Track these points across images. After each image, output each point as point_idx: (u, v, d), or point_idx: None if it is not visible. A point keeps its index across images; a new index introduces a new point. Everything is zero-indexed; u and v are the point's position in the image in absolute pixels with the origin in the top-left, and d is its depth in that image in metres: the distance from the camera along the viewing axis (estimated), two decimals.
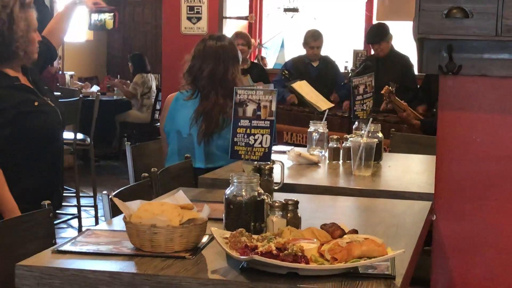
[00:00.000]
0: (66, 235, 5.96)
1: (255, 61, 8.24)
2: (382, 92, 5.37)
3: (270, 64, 9.06)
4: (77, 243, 2.15)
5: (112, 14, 4.10)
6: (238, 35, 7.09)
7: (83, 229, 5.92)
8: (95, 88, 9.69)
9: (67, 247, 2.10)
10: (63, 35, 3.85)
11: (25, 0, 3.20)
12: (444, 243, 2.94)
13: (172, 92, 4.19)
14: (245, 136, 2.48)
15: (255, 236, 2.04)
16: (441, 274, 2.96)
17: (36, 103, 3.18)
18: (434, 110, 5.46)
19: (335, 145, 3.74)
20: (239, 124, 2.48)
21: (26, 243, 2.33)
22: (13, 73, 3.21)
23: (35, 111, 3.16)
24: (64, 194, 7.00)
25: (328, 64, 7.33)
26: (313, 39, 7.20)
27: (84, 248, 2.10)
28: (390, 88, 5.41)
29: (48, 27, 3.80)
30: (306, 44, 7.24)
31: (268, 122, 2.48)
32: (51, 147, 3.24)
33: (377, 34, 6.79)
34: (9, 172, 3.00)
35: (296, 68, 7.12)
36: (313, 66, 7.24)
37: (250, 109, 2.48)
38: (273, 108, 2.47)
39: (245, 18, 8.46)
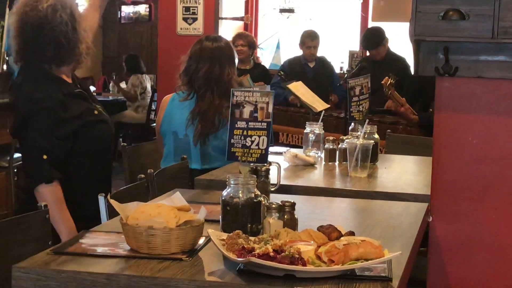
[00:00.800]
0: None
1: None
2: (383, 82, 5.37)
3: (266, 65, 9.06)
4: (73, 245, 2.15)
5: (148, 5, 3.94)
6: (239, 36, 7.10)
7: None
8: (90, 89, 9.67)
9: (63, 249, 2.10)
10: (94, 29, 3.58)
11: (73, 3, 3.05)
12: (440, 244, 2.94)
13: (168, 92, 4.19)
14: (242, 138, 2.48)
15: (252, 238, 2.04)
16: (437, 275, 2.97)
17: (95, 112, 3.06)
18: (431, 110, 5.47)
19: (331, 146, 3.74)
20: (236, 125, 2.48)
21: (23, 244, 2.33)
22: (68, 79, 3.07)
23: (96, 121, 3.05)
24: None
25: (324, 64, 7.34)
26: (310, 38, 7.21)
27: (80, 250, 2.10)
28: (390, 80, 5.41)
29: None
30: (303, 44, 7.24)
31: (265, 124, 2.47)
32: (106, 159, 3.13)
33: (372, 40, 6.74)
34: (66, 188, 2.90)
35: (293, 69, 7.12)
36: (310, 66, 7.25)
37: (247, 110, 2.48)
38: (270, 109, 2.47)
39: (241, 18, 8.46)
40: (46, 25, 2.97)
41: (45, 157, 2.89)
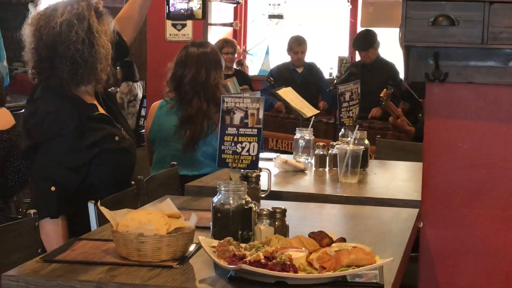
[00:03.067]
0: None
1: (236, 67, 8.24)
2: (381, 95, 5.36)
3: (255, 71, 9.06)
4: (63, 252, 2.13)
5: (201, 1, 3.37)
6: (226, 42, 7.09)
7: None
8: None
9: (53, 257, 2.09)
10: (139, 25, 3.26)
11: (99, 8, 2.78)
12: (431, 250, 2.95)
13: (157, 99, 4.19)
14: (233, 144, 2.47)
15: (243, 245, 2.03)
16: (428, 281, 2.97)
17: (116, 138, 2.78)
18: (420, 115, 5.47)
19: (321, 152, 3.74)
20: (227, 132, 2.48)
21: (12, 252, 2.31)
22: (89, 99, 2.80)
23: (116, 149, 2.77)
24: None
25: (312, 70, 7.35)
26: (297, 43, 7.23)
27: (70, 258, 2.09)
28: (389, 91, 5.41)
29: (119, 16, 3.19)
30: (290, 49, 7.26)
31: (256, 130, 2.47)
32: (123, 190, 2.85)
33: (365, 42, 6.79)
34: (72, 222, 2.68)
35: (281, 75, 7.13)
36: (298, 72, 7.26)
37: (237, 117, 2.48)
38: (261, 116, 2.46)
39: (230, 24, 8.47)
40: (60, 44, 2.73)
41: (53, 189, 2.66)
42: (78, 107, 2.76)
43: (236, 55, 7.19)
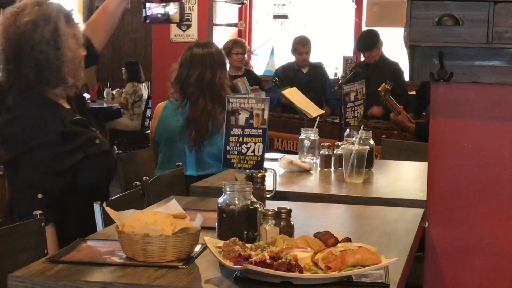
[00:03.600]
0: None
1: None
2: (379, 89, 5.36)
3: (260, 71, 9.06)
4: (69, 253, 2.14)
5: (178, 6, 3.32)
6: (236, 43, 7.08)
7: None
8: (85, 96, 9.67)
9: (59, 257, 2.09)
10: (110, 31, 3.17)
11: (71, 13, 2.71)
12: (436, 249, 2.94)
13: (162, 99, 4.19)
14: (238, 145, 2.47)
15: (248, 245, 2.03)
16: (433, 281, 2.96)
17: (97, 141, 2.72)
18: (424, 113, 5.46)
19: (326, 152, 3.74)
20: (232, 132, 2.48)
21: (18, 253, 2.32)
22: (64, 104, 2.74)
23: (98, 153, 2.71)
24: None
25: (317, 70, 7.35)
26: (301, 44, 7.22)
27: (76, 258, 2.09)
28: (387, 86, 5.41)
29: (91, 21, 3.11)
30: (295, 50, 7.25)
31: (261, 131, 2.47)
32: (105, 197, 2.75)
33: (368, 42, 6.78)
34: (59, 228, 2.62)
35: (286, 75, 7.13)
36: (303, 72, 7.25)
37: (242, 117, 2.48)
38: (266, 116, 2.46)
39: (235, 25, 8.47)
40: (25, 44, 2.65)
41: (40, 196, 2.60)
42: (59, 112, 2.70)
43: (246, 56, 7.18)
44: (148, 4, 3.14)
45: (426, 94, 5.64)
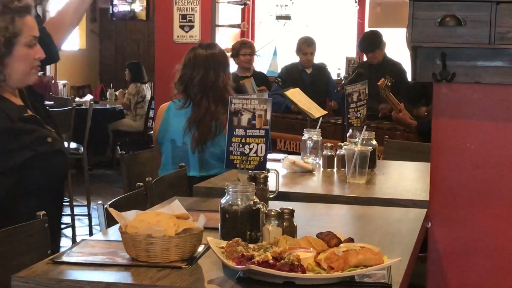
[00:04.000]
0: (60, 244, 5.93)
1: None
2: (379, 84, 5.35)
3: (263, 72, 9.06)
4: (72, 254, 2.15)
5: (144, 3, 3.16)
6: (243, 44, 7.07)
7: (77, 238, 5.92)
8: (88, 97, 9.69)
9: (63, 258, 2.10)
10: (71, 29, 3.07)
11: (8, 2, 2.53)
12: (439, 250, 2.94)
13: (165, 100, 4.19)
14: (240, 145, 2.48)
15: (251, 246, 2.04)
16: (436, 281, 2.97)
17: (49, 139, 2.58)
18: (426, 113, 5.45)
19: (329, 153, 3.74)
20: (234, 133, 2.48)
21: (22, 254, 2.32)
22: (16, 100, 2.62)
23: (49, 152, 2.56)
24: None
25: (321, 71, 7.35)
26: (306, 45, 7.22)
27: (80, 259, 2.10)
28: (387, 82, 5.40)
29: (53, 18, 3.10)
30: (299, 50, 7.25)
31: (263, 131, 2.48)
32: (57, 200, 2.66)
33: (370, 43, 6.77)
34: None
35: (290, 75, 7.13)
36: (307, 73, 7.25)
37: (245, 118, 2.48)
38: (268, 117, 2.47)
39: (238, 26, 8.47)
40: None
41: None
42: (7, 108, 2.57)
43: (252, 56, 7.18)
44: (115, 2, 3.09)
45: (422, 85, 5.63)
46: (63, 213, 2.83)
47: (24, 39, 2.55)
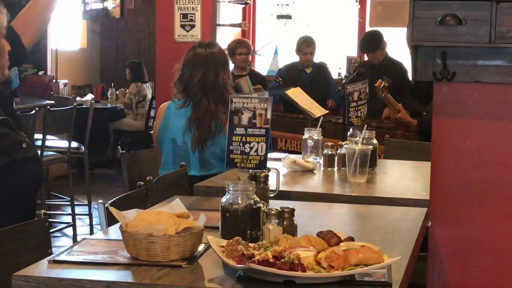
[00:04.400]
0: (60, 243, 5.95)
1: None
2: (376, 85, 5.35)
3: (264, 71, 9.06)
4: (73, 253, 2.15)
5: (117, 1, 3.05)
6: (240, 43, 7.08)
7: (78, 237, 5.93)
8: (89, 97, 9.69)
9: (63, 257, 2.10)
10: (40, 30, 2.93)
11: None
12: (439, 249, 2.95)
13: (166, 100, 4.19)
14: (241, 144, 2.48)
15: (251, 244, 2.04)
16: (436, 280, 2.97)
17: (24, 145, 2.44)
18: (424, 113, 5.46)
19: (330, 152, 3.74)
20: (235, 132, 2.48)
21: (22, 253, 2.32)
22: None
23: (24, 159, 2.42)
24: (58, 203, 7.01)
25: (321, 70, 7.35)
26: (306, 44, 7.22)
27: (80, 258, 2.10)
28: (384, 83, 5.39)
29: (19, 16, 2.88)
30: (299, 50, 7.25)
31: (264, 130, 2.48)
32: (30, 208, 2.48)
33: (371, 43, 6.77)
34: None
35: (290, 75, 7.13)
36: (306, 72, 7.26)
37: (245, 117, 2.48)
38: (269, 116, 2.47)
39: (239, 25, 8.47)
40: None
41: None
42: None
43: (250, 56, 7.18)
44: (86, 0, 2.98)
45: (420, 92, 5.62)
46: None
47: (3, 31, 2.46)
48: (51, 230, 5.88)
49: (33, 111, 5.75)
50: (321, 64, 7.46)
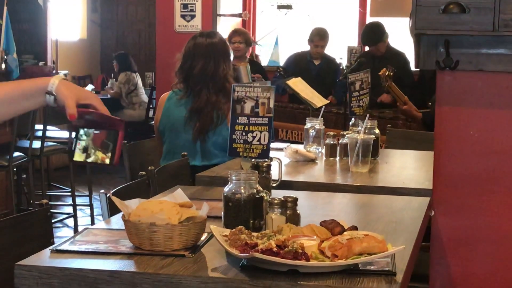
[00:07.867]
0: (62, 234, 5.95)
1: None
2: (380, 73, 5.34)
3: (264, 62, 9.05)
4: (75, 243, 2.14)
5: None
6: (235, 32, 7.07)
7: (79, 228, 5.93)
8: (89, 87, 9.68)
9: (65, 247, 2.09)
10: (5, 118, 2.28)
11: None
12: (442, 238, 2.94)
13: (166, 90, 4.18)
14: (243, 134, 2.47)
15: (254, 234, 2.03)
16: (440, 269, 2.96)
17: None
18: (430, 104, 5.44)
19: (332, 142, 3.73)
20: (237, 121, 2.47)
21: (24, 243, 2.32)
22: None
23: None
24: (59, 193, 7.00)
25: (330, 63, 7.33)
26: (318, 37, 7.21)
27: (83, 247, 2.09)
28: (388, 71, 5.37)
29: None
30: (311, 41, 7.24)
31: (266, 119, 2.47)
32: None
33: (373, 37, 6.72)
34: None
35: (297, 64, 7.11)
36: (314, 64, 7.24)
37: (248, 106, 2.47)
38: (271, 105, 2.46)
39: (239, 15, 8.46)
40: None
41: None
42: None
43: (245, 45, 7.16)
44: None
45: (425, 83, 5.61)
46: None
47: None
48: (52, 221, 5.89)
49: None
50: (331, 58, 7.43)
